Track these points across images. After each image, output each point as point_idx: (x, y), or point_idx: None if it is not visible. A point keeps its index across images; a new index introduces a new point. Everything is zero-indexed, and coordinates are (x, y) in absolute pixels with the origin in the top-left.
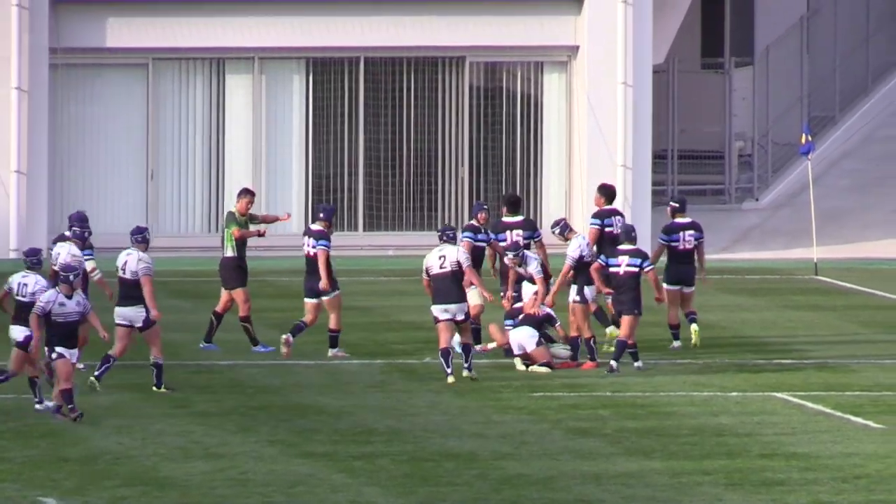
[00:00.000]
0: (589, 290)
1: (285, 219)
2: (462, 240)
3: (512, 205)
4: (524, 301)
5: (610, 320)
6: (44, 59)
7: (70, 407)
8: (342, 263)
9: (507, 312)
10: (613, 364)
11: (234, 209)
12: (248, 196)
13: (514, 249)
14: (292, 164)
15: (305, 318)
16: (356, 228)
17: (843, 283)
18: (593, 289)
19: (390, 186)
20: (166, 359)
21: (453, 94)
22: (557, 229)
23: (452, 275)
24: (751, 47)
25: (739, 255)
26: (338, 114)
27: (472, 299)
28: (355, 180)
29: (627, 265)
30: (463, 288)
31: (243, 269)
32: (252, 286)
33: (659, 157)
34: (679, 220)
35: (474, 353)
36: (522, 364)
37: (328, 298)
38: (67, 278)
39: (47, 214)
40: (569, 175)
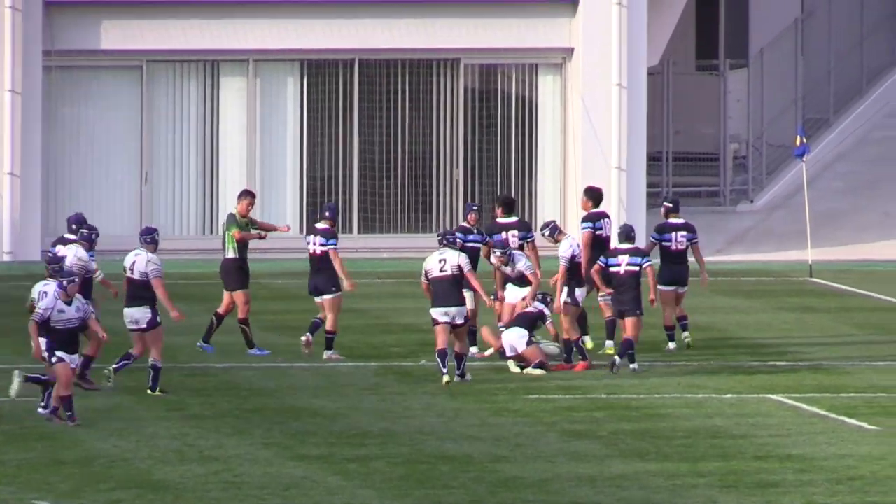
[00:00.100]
0: (580, 292)
1: (285, 230)
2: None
3: (506, 205)
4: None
5: (586, 330)
6: (37, 61)
7: (69, 414)
8: None
9: (501, 314)
10: (616, 360)
11: (234, 211)
12: (248, 197)
13: (501, 247)
14: (286, 167)
15: (321, 315)
16: (351, 230)
17: (838, 285)
18: (583, 291)
19: (385, 188)
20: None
21: (448, 97)
22: (547, 231)
23: (453, 279)
24: (745, 49)
25: (734, 257)
26: (332, 116)
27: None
28: (350, 182)
29: (628, 264)
30: (462, 292)
31: (245, 271)
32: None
33: (653, 158)
34: (672, 220)
35: (468, 358)
36: (517, 366)
37: (329, 298)
38: (61, 283)
39: (41, 217)
40: (563, 177)
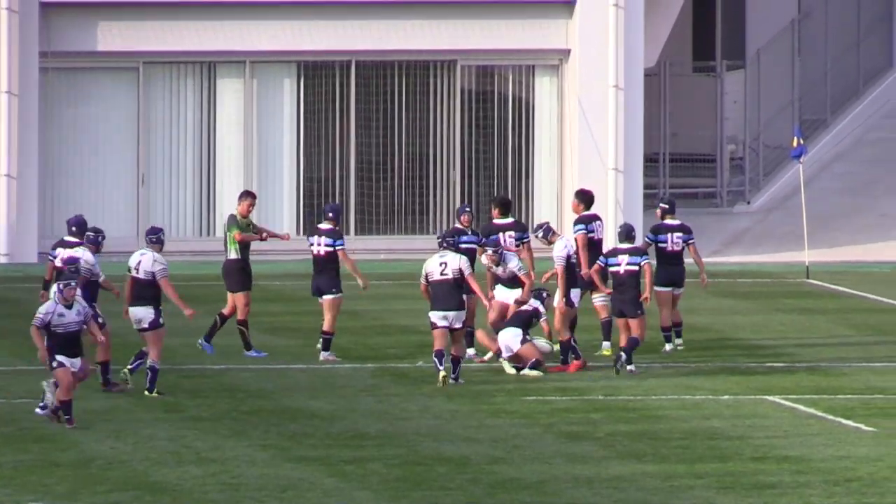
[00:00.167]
0: (575, 293)
1: (285, 238)
2: None
3: (503, 206)
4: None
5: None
6: (34, 62)
7: (66, 418)
8: None
9: (499, 322)
10: (623, 356)
11: (235, 212)
12: (249, 198)
13: (493, 245)
14: (283, 168)
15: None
16: (348, 232)
17: (835, 287)
18: (579, 292)
19: (382, 190)
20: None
21: (445, 98)
22: (541, 232)
23: (454, 282)
24: (742, 50)
25: (731, 259)
26: (329, 117)
27: None
28: (347, 184)
29: (628, 264)
30: (462, 296)
31: (247, 273)
32: None
33: (650, 160)
34: (668, 221)
35: (465, 360)
36: (512, 367)
37: (329, 298)
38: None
39: (38, 218)
40: (560, 178)
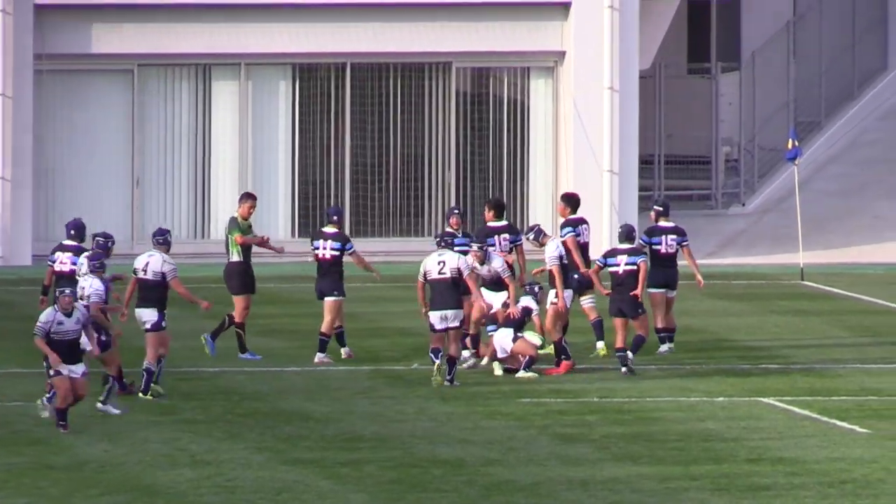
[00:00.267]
0: (567, 294)
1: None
2: None
3: (497, 209)
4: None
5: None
6: (28, 65)
7: (61, 423)
8: None
9: (488, 318)
10: (630, 355)
11: (236, 214)
12: (250, 200)
13: (479, 243)
14: (279, 170)
15: (337, 323)
16: None
17: (830, 288)
18: (570, 293)
19: (377, 192)
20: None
21: (440, 100)
22: (532, 235)
23: (452, 281)
24: (737, 52)
25: (726, 261)
26: (324, 120)
27: None
28: (342, 186)
29: (626, 264)
30: (460, 295)
31: (249, 276)
32: None
33: (645, 162)
34: (662, 223)
35: (460, 362)
36: (501, 369)
37: (330, 300)
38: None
39: (32, 221)
40: (555, 180)
